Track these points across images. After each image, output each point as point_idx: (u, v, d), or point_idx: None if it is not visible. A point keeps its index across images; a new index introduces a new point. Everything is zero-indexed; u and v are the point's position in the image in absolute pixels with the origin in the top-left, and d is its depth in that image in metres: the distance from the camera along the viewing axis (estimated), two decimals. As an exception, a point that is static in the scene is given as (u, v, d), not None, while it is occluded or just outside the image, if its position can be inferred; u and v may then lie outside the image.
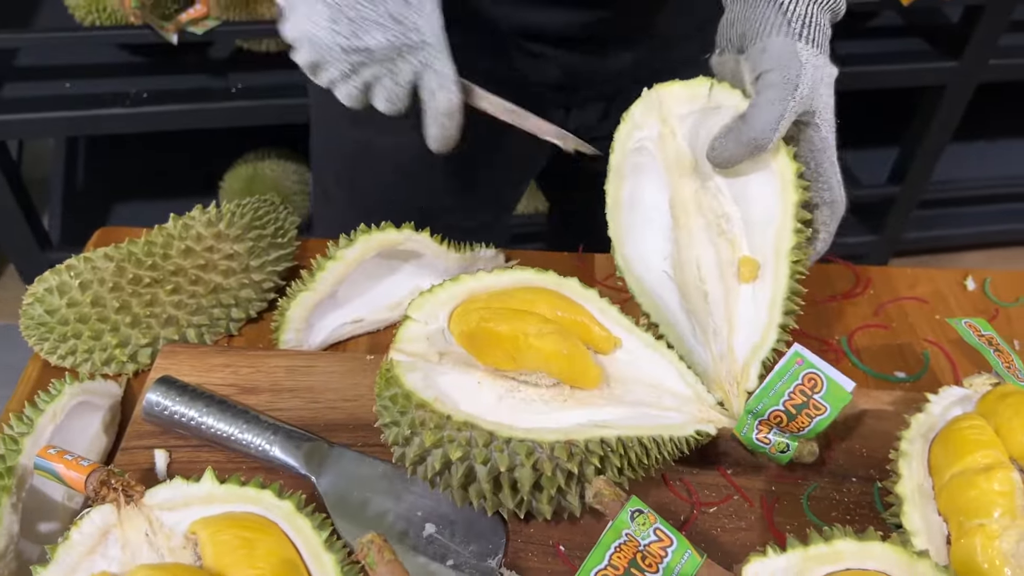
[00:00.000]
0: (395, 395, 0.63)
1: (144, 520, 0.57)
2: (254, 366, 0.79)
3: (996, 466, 0.62)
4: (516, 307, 0.69)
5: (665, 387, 0.69)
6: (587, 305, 0.72)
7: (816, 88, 0.67)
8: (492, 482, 0.62)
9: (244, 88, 1.72)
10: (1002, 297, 0.93)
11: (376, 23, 0.70)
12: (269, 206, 0.90)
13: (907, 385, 0.85)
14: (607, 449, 0.62)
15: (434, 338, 0.69)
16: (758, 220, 0.71)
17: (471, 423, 0.60)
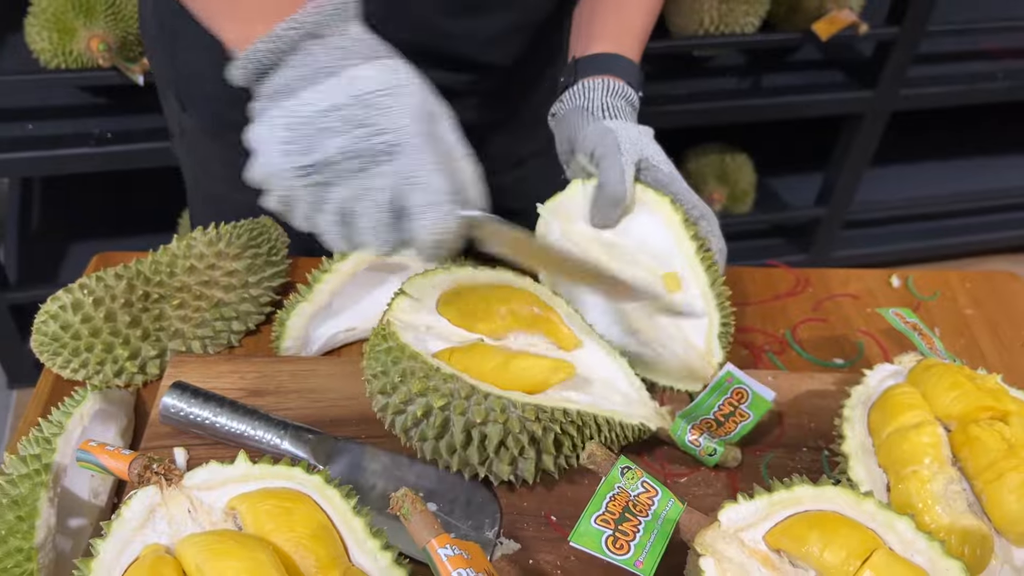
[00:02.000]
0: (390, 348, 0.72)
1: (185, 499, 0.63)
2: (259, 371, 0.85)
3: (924, 423, 0.72)
4: (497, 296, 0.79)
5: (616, 387, 0.79)
6: (556, 308, 0.81)
7: (637, 142, 0.84)
8: (464, 434, 0.70)
9: (206, 127, 1.78)
10: (923, 292, 1.05)
11: (331, 130, 0.60)
12: (262, 227, 0.97)
13: (846, 369, 0.95)
14: (569, 419, 0.71)
15: (423, 313, 0.78)
16: (660, 245, 0.84)
17: (457, 376, 0.70)
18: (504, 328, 0.79)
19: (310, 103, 0.60)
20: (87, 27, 1.59)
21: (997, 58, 2.26)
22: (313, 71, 0.61)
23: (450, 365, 0.73)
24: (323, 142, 0.60)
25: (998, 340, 1.00)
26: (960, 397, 0.73)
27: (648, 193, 0.85)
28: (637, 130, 0.86)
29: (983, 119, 2.59)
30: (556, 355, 0.78)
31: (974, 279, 1.08)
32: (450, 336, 0.78)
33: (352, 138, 0.60)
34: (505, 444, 0.71)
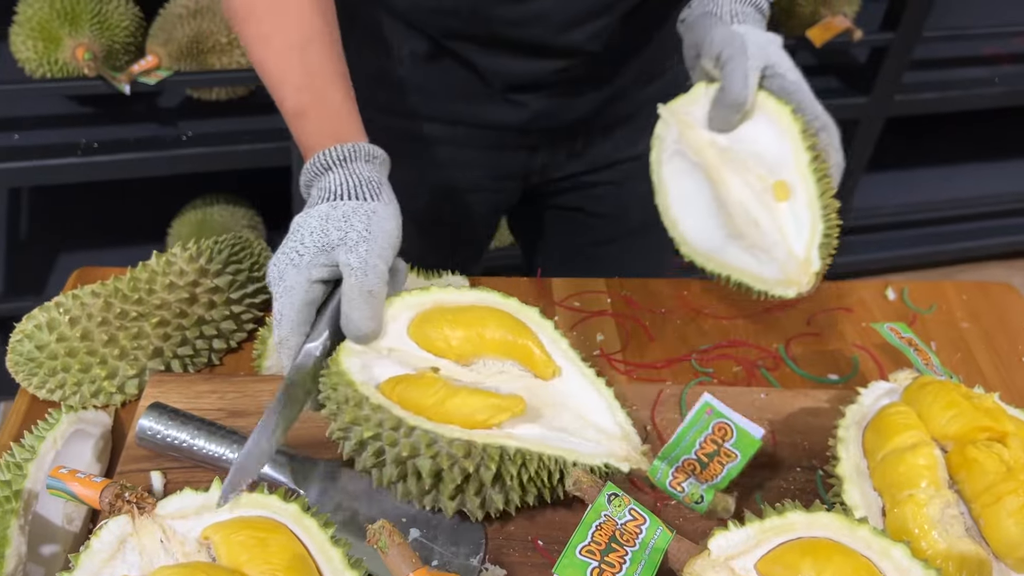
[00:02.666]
0: (332, 373, 0.70)
1: (158, 528, 0.61)
2: (240, 391, 0.83)
3: (920, 444, 0.70)
4: (469, 320, 0.76)
5: (591, 420, 0.74)
6: (540, 333, 0.77)
7: (765, 48, 0.83)
8: (398, 467, 0.68)
9: (195, 136, 1.76)
10: (919, 304, 1.04)
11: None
12: (244, 243, 0.95)
13: (840, 385, 0.94)
14: (505, 457, 0.67)
15: (391, 336, 0.75)
16: (776, 154, 0.83)
17: (384, 407, 0.67)
18: (473, 352, 0.76)
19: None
20: (72, 36, 1.57)
21: (993, 63, 2.25)
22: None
23: (392, 395, 0.70)
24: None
25: (995, 354, 0.98)
26: (957, 417, 0.72)
27: (770, 100, 0.83)
28: (765, 37, 0.84)
29: (979, 124, 2.57)
30: (518, 386, 0.74)
31: (970, 291, 1.06)
32: (412, 361, 0.74)
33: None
34: (441, 478, 0.68)
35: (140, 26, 1.69)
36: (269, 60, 0.82)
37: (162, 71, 1.63)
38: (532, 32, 0.95)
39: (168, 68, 1.64)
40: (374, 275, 0.71)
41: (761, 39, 0.84)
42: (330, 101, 0.81)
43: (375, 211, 0.74)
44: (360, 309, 0.71)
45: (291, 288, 0.71)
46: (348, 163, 0.76)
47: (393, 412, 0.67)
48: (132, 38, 1.66)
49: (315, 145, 0.78)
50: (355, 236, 0.72)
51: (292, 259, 0.72)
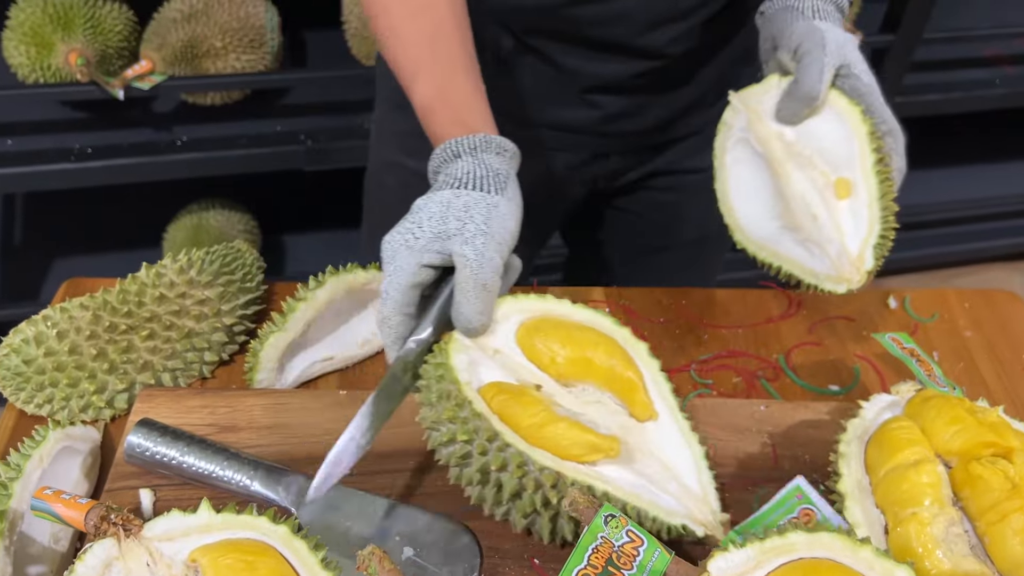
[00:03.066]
0: (439, 363, 0.70)
1: (144, 551, 0.60)
2: (231, 406, 0.82)
3: (924, 461, 0.69)
4: (579, 340, 0.75)
5: (677, 474, 0.72)
6: (645, 372, 0.76)
7: (842, 47, 0.83)
8: (481, 474, 0.67)
9: (189, 141, 1.75)
10: (921, 313, 1.02)
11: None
12: (236, 252, 0.93)
13: (841, 397, 0.92)
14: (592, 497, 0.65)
15: (499, 335, 0.75)
16: (841, 152, 0.83)
17: (483, 416, 0.66)
18: (576, 375, 0.74)
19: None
20: (65, 41, 1.55)
21: (994, 65, 2.24)
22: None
23: (492, 403, 0.69)
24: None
25: (998, 363, 0.97)
26: (960, 432, 0.70)
27: (841, 99, 0.83)
28: (843, 35, 0.85)
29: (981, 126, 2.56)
30: (612, 422, 0.72)
31: (973, 299, 1.04)
32: (515, 368, 0.74)
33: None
34: (520, 498, 0.67)
35: (134, 30, 1.68)
36: (399, 52, 0.83)
37: (156, 76, 1.61)
38: (614, 31, 0.95)
39: (162, 73, 1.63)
40: (489, 268, 0.71)
41: (840, 37, 0.84)
42: (460, 91, 0.81)
43: (497, 205, 0.73)
44: (472, 302, 0.71)
45: (401, 269, 0.72)
46: (478, 152, 0.76)
47: (492, 424, 0.67)
48: (126, 43, 1.65)
49: (445, 135, 0.79)
50: (473, 228, 0.71)
51: (407, 240, 0.72)
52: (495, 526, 0.73)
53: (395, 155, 1.14)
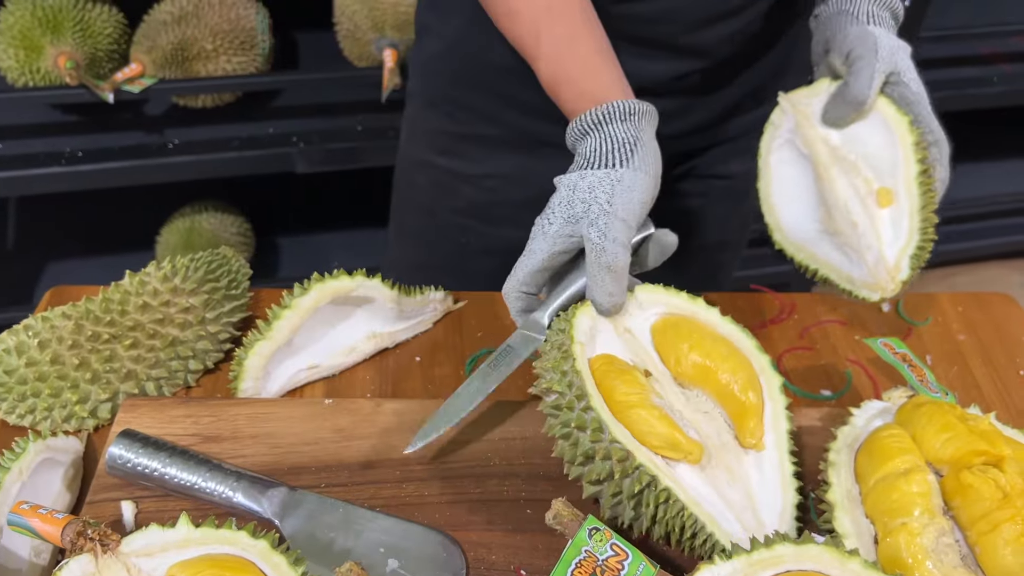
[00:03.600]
0: (565, 318, 0.74)
1: (122, 567, 0.59)
2: (215, 415, 0.81)
3: (914, 470, 0.68)
4: (711, 350, 0.75)
5: (757, 508, 0.70)
6: (768, 404, 0.75)
7: (894, 53, 0.84)
8: (563, 426, 0.68)
9: (181, 143, 1.73)
10: (914, 317, 1.01)
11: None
12: (221, 259, 0.92)
13: (833, 402, 0.91)
14: (652, 486, 0.65)
15: (636, 318, 0.77)
16: (885, 160, 0.84)
17: (581, 374, 0.68)
18: (695, 381, 0.75)
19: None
20: (54, 44, 1.54)
21: (991, 63, 2.22)
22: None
23: (596, 370, 0.71)
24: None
25: (992, 368, 0.96)
26: (951, 440, 0.69)
27: (890, 108, 0.84)
28: (896, 43, 0.85)
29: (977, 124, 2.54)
30: (713, 434, 0.72)
31: (966, 302, 1.03)
32: (637, 351, 0.75)
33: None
34: (592, 461, 0.68)
35: (124, 33, 1.67)
36: (519, 34, 0.84)
37: (146, 79, 1.60)
38: (661, 29, 0.95)
39: (152, 76, 1.61)
40: (612, 249, 0.72)
41: (892, 43, 0.84)
42: (581, 63, 0.82)
43: (620, 180, 0.74)
44: (600, 284, 0.73)
45: (533, 252, 0.75)
46: (603, 126, 0.77)
47: (586, 384, 0.68)
48: (116, 45, 1.64)
49: (574, 110, 0.80)
50: (597, 209, 0.73)
51: (542, 227, 0.75)
52: (481, 537, 0.73)
53: (425, 153, 1.14)
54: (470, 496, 0.76)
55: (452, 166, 1.11)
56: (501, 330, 0.96)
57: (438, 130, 1.10)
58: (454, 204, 1.13)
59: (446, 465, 0.78)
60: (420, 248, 1.22)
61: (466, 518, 0.74)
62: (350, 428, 0.81)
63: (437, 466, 0.78)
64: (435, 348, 0.94)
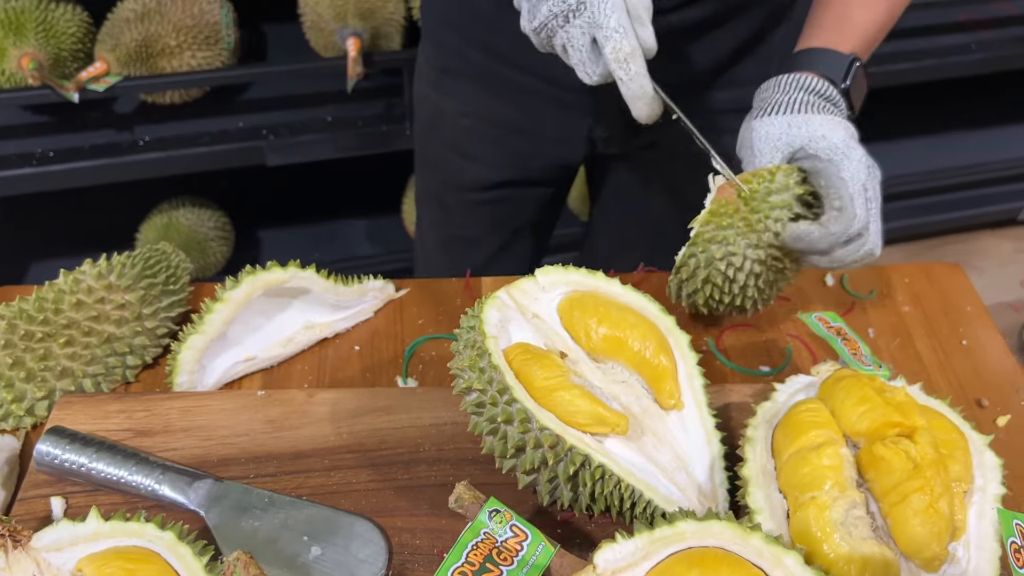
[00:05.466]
0: (473, 315, 0.73)
1: (32, 562, 0.60)
2: (148, 410, 0.82)
3: (827, 444, 0.68)
4: (617, 320, 0.76)
5: (688, 466, 0.72)
6: (680, 362, 0.76)
7: (783, 135, 0.86)
8: (491, 423, 0.69)
9: (151, 140, 1.74)
10: (858, 290, 1.01)
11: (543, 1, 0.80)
12: (160, 255, 0.93)
13: (770, 378, 0.91)
14: (587, 464, 0.66)
15: (541, 302, 0.77)
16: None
17: (499, 369, 0.68)
18: (608, 353, 0.75)
19: None
20: (17, 46, 1.55)
21: (970, 30, 2.20)
22: None
23: (513, 361, 0.71)
24: (539, 8, 0.80)
25: (935, 338, 0.96)
26: (867, 413, 0.69)
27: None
28: (794, 122, 0.84)
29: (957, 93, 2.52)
30: (634, 402, 0.73)
31: (913, 273, 1.03)
32: (548, 335, 0.75)
33: (553, 3, 0.79)
34: (523, 452, 0.68)
35: (88, 32, 1.67)
36: None
37: (111, 77, 1.61)
38: None
39: (117, 74, 1.62)
40: (617, 38, 0.77)
41: (776, 129, 0.85)
42: None
43: None
44: (624, 84, 0.79)
45: None
46: None
47: (505, 378, 0.68)
48: (80, 44, 1.64)
49: None
50: None
51: None
52: (406, 523, 0.73)
53: (424, 88, 1.20)
54: (398, 482, 0.77)
55: (443, 103, 1.16)
56: (443, 317, 0.96)
57: (436, 67, 1.15)
58: (441, 138, 1.19)
59: (376, 452, 0.79)
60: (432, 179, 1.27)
61: (392, 504, 0.75)
62: (281, 419, 0.81)
63: (366, 454, 0.79)
64: (375, 337, 0.94)
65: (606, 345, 0.75)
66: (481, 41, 1.07)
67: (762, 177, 0.83)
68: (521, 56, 1.02)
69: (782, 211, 0.83)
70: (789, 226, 0.83)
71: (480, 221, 1.21)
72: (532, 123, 1.11)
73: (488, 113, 1.12)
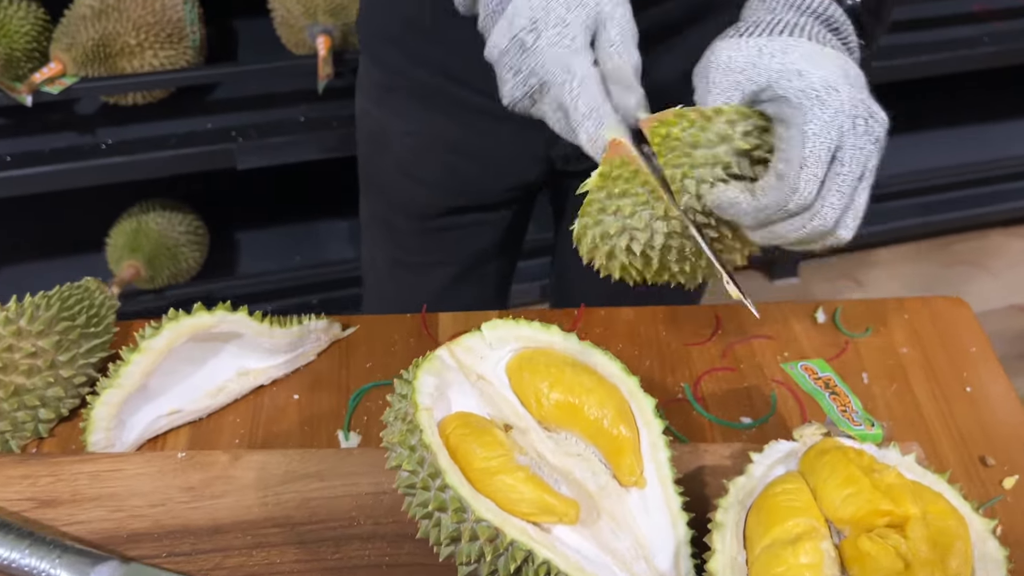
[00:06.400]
0: (405, 380, 0.65)
1: None
2: (55, 475, 0.73)
3: (805, 536, 0.59)
4: (572, 383, 0.67)
5: (649, 554, 0.63)
6: (644, 432, 0.67)
7: (752, 66, 0.65)
8: (423, 508, 0.61)
9: (115, 143, 1.66)
10: (852, 328, 0.92)
11: (504, 78, 0.70)
12: (82, 292, 0.85)
13: (753, 431, 0.83)
14: (529, 561, 0.58)
15: (488, 361, 0.68)
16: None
17: (432, 449, 0.60)
18: (561, 422, 0.67)
19: (495, 46, 0.69)
20: (-35, 47, 1.47)
21: (982, 21, 2.08)
22: (491, 11, 0.69)
23: (450, 435, 0.62)
24: (505, 87, 0.69)
25: (935, 383, 0.87)
26: (853, 497, 0.61)
27: None
28: (767, 48, 0.63)
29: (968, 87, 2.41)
30: (589, 478, 0.65)
31: (912, 308, 0.94)
32: (494, 400, 0.67)
33: (516, 83, 0.68)
34: (458, 541, 0.60)
35: (45, 29, 1.58)
36: None
37: (67, 78, 1.52)
38: None
39: (74, 75, 1.53)
40: (589, 127, 0.66)
41: (743, 56, 0.63)
42: None
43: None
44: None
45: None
46: None
47: (438, 460, 0.60)
48: (35, 43, 1.56)
49: None
50: None
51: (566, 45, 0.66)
52: (332, 612, 0.65)
53: (366, 103, 1.09)
54: (326, 563, 0.69)
55: (382, 118, 1.07)
56: (394, 360, 0.88)
57: (376, 83, 1.06)
58: (385, 158, 1.10)
59: (304, 527, 0.71)
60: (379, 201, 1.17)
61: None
62: (202, 486, 0.73)
63: (293, 529, 0.70)
64: (317, 383, 0.86)
65: (559, 413, 0.67)
66: (425, 58, 0.97)
67: (689, 121, 0.64)
68: (470, 73, 0.91)
69: (708, 169, 0.64)
70: (713, 191, 0.64)
71: (435, 248, 1.12)
72: (484, 143, 1.01)
73: (436, 133, 1.02)
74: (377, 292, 1.23)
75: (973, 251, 2.50)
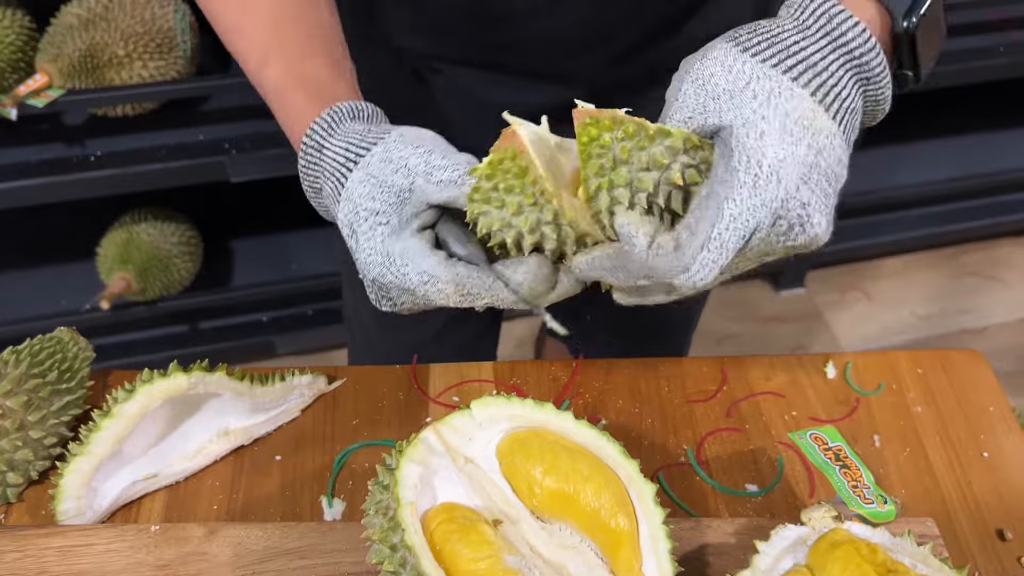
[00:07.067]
0: (388, 469, 0.62)
1: None
2: (21, 550, 0.70)
3: (814, 648, 0.55)
4: (567, 470, 0.62)
5: None
6: (643, 522, 0.62)
7: (713, 102, 0.57)
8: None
9: (105, 155, 1.61)
10: (863, 383, 0.87)
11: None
12: (55, 345, 0.81)
13: (759, 500, 0.78)
14: None
15: (477, 443, 0.65)
16: None
17: (414, 550, 0.56)
18: (554, 512, 0.63)
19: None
20: (-53, 59, 1.42)
21: (999, 30, 2.02)
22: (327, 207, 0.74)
23: (434, 530, 0.59)
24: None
25: (951, 449, 0.83)
26: (866, 602, 0.57)
27: None
28: (762, 88, 0.54)
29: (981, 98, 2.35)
30: (583, 575, 0.61)
31: (927, 363, 0.89)
32: (484, 487, 0.63)
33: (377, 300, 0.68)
34: None
35: (31, 39, 1.53)
36: (242, 46, 0.78)
37: (53, 91, 1.47)
38: (532, 57, 0.84)
39: (60, 87, 1.48)
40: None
41: (713, 90, 0.55)
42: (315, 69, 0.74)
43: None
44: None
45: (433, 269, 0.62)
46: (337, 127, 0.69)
47: (421, 563, 0.56)
48: (20, 53, 1.51)
49: (302, 120, 0.73)
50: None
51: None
52: None
53: None
54: (304, 652, 0.65)
55: None
56: (382, 416, 0.84)
57: None
58: None
59: (281, 610, 0.67)
60: None
61: None
62: (176, 563, 0.69)
63: (270, 613, 0.67)
64: (300, 442, 0.82)
65: (553, 502, 0.62)
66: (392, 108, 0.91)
67: (625, 132, 0.55)
68: (442, 130, 0.87)
69: (624, 190, 0.55)
70: (620, 216, 0.56)
71: None
72: None
73: None
74: (364, 342, 1.17)
75: (983, 262, 2.45)
